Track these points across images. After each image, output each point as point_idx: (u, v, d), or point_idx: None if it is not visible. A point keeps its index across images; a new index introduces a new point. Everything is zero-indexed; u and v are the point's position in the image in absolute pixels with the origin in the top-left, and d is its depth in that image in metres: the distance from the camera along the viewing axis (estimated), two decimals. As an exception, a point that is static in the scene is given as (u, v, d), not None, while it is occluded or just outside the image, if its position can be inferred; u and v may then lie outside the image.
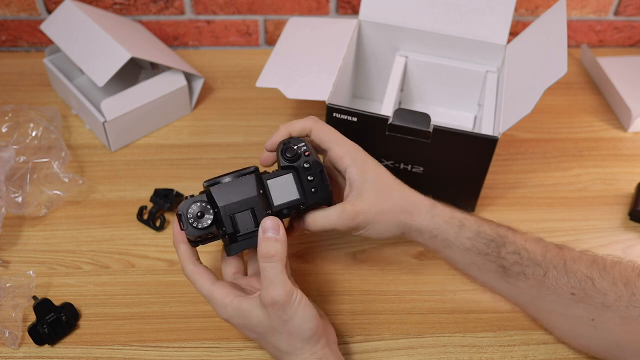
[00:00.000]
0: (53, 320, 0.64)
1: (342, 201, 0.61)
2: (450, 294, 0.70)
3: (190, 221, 0.56)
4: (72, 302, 0.66)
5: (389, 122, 0.70)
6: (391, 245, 0.75)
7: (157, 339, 0.65)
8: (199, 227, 0.56)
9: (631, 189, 0.82)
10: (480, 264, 0.58)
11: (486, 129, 0.75)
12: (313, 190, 0.60)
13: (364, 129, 0.71)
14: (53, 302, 0.65)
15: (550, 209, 0.79)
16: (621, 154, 0.88)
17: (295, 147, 0.60)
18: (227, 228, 0.56)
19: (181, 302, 0.68)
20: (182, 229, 0.57)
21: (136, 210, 0.77)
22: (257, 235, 0.55)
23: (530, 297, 0.58)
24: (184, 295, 0.68)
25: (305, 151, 0.60)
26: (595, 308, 0.55)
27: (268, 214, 0.57)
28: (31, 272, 0.68)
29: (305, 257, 0.73)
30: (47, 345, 0.64)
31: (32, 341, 0.63)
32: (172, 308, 0.68)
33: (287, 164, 0.60)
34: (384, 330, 0.66)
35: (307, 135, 0.62)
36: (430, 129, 0.69)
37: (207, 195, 0.57)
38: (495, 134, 0.69)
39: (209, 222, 0.56)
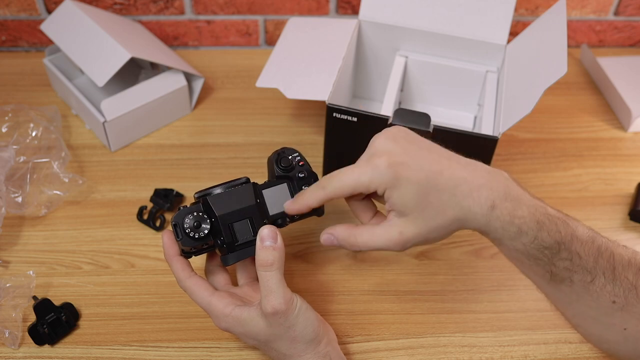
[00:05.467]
0: (53, 320, 0.64)
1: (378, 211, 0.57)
2: (450, 294, 0.70)
3: (187, 231, 0.56)
4: (72, 302, 0.66)
5: (389, 122, 0.70)
6: (391, 245, 0.75)
7: (157, 339, 0.65)
8: (196, 237, 0.56)
9: (631, 189, 0.82)
10: (527, 264, 0.54)
11: (486, 129, 0.75)
12: None
13: (364, 129, 0.71)
14: (53, 302, 0.65)
15: (550, 209, 0.79)
16: (621, 154, 0.88)
17: (290, 157, 0.61)
18: (225, 237, 0.56)
19: (181, 302, 0.68)
20: (177, 239, 0.56)
21: (136, 210, 0.77)
22: (255, 245, 0.55)
23: (568, 300, 0.55)
24: (184, 295, 0.68)
25: (299, 161, 0.61)
26: (631, 317, 0.53)
27: (265, 223, 0.57)
28: (31, 272, 0.68)
29: (305, 257, 0.73)
30: (47, 345, 0.64)
31: (32, 341, 0.63)
32: (172, 308, 0.68)
33: (282, 173, 0.61)
34: (384, 330, 0.66)
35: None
36: (431, 129, 0.69)
37: (204, 204, 0.57)
38: (495, 134, 0.69)
39: (206, 231, 0.56)
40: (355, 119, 0.71)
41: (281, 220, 0.60)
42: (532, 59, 0.74)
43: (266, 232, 0.55)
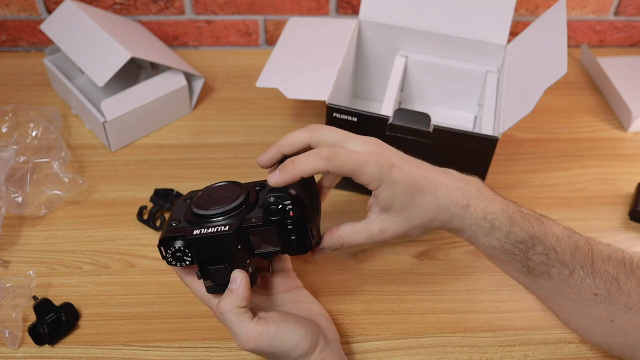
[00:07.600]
0: (53, 320, 0.64)
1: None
2: (450, 294, 0.70)
3: (168, 258, 0.56)
4: (72, 302, 0.66)
5: (389, 122, 0.70)
6: (391, 245, 0.75)
7: (157, 339, 0.65)
8: (177, 265, 0.56)
9: (631, 189, 0.82)
10: (504, 260, 0.57)
11: (486, 129, 0.75)
12: (295, 245, 0.57)
13: (364, 129, 0.71)
14: (53, 302, 0.65)
15: (551, 209, 0.79)
16: (621, 154, 0.88)
17: (280, 207, 0.55)
18: (202, 275, 0.56)
19: (181, 302, 0.68)
20: (161, 257, 0.56)
21: (136, 210, 0.77)
22: None
23: (551, 294, 0.57)
24: (183, 295, 0.68)
25: (289, 211, 0.55)
26: (616, 309, 0.54)
27: (246, 264, 0.56)
28: (31, 272, 0.68)
29: (305, 257, 0.73)
30: (47, 345, 0.64)
31: (32, 341, 0.63)
32: (172, 308, 0.68)
33: (270, 219, 0.56)
34: (384, 330, 0.66)
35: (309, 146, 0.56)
36: (431, 129, 0.69)
37: (189, 241, 0.55)
38: (495, 134, 0.70)
39: (187, 263, 0.56)
40: (355, 119, 0.71)
41: (265, 256, 0.58)
42: (532, 59, 0.74)
43: (232, 276, 0.55)
